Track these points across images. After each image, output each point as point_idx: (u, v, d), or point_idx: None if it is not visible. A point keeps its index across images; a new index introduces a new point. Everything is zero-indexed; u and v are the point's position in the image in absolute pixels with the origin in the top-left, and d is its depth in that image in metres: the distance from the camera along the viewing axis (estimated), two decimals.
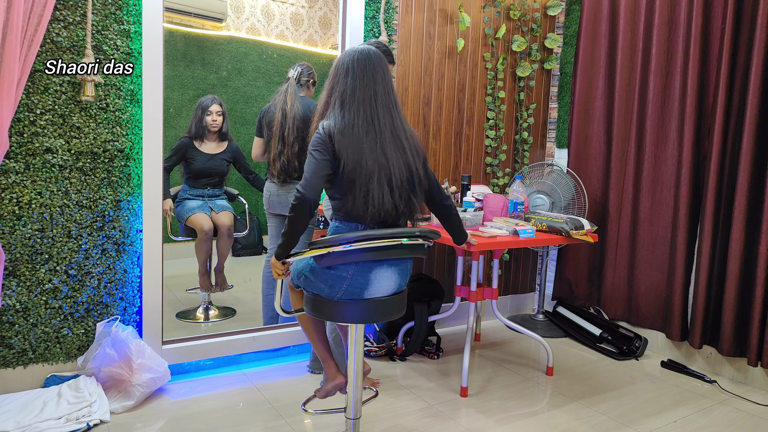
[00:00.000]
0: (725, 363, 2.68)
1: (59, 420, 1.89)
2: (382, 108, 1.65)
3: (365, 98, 1.64)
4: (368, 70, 1.66)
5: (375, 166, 1.59)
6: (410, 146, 1.68)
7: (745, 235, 2.54)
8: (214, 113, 2.66)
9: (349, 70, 1.66)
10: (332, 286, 1.60)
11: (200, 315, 2.76)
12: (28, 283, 2.11)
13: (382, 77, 1.67)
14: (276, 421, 2.06)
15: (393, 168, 1.61)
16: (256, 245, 2.93)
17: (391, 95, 1.69)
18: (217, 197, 2.78)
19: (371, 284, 1.61)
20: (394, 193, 1.62)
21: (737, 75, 2.61)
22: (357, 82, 1.65)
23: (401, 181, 1.63)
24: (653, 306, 2.97)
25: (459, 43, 3.07)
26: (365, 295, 1.63)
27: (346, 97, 1.64)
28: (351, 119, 1.61)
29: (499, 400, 2.33)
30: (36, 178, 2.09)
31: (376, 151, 1.60)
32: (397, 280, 1.67)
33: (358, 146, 1.59)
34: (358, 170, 1.58)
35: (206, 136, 2.67)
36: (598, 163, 3.24)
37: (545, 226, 2.56)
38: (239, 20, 2.75)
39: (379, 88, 1.66)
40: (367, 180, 1.58)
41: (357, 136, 1.60)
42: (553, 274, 3.54)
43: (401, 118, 1.70)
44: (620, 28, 3.11)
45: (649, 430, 2.12)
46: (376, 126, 1.63)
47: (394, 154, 1.63)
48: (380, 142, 1.62)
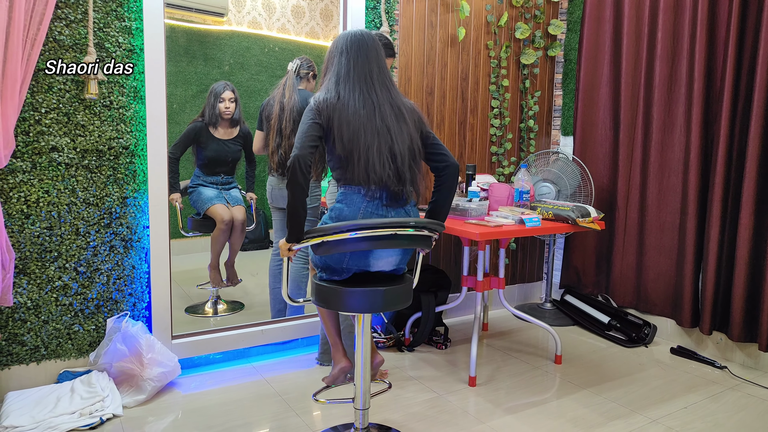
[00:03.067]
0: (736, 349, 2.67)
1: (73, 415, 1.92)
2: (378, 84, 1.68)
3: (360, 76, 1.67)
4: (362, 50, 1.69)
5: (374, 137, 1.63)
6: (410, 118, 1.70)
7: (754, 220, 2.52)
8: (227, 100, 2.67)
9: (344, 51, 1.69)
10: (339, 260, 1.67)
11: (209, 309, 2.78)
12: (39, 280, 2.13)
13: (375, 56, 1.70)
14: (286, 413, 2.08)
15: (395, 137, 1.65)
16: (262, 239, 2.94)
17: (385, 73, 1.72)
18: (231, 187, 2.79)
19: (374, 253, 1.67)
20: (396, 160, 1.65)
21: (745, 58, 2.57)
22: (351, 61, 1.67)
23: (403, 149, 1.66)
24: (662, 292, 2.96)
25: (460, 32, 3.05)
26: (372, 267, 1.69)
27: (341, 76, 1.67)
28: (346, 96, 1.64)
29: (507, 389, 2.33)
30: (43, 176, 2.10)
31: (375, 122, 1.64)
32: (399, 251, 1.71)
33: (355, 119, 1.62)
34: (355, 141, 1.61)
35: (219, 123, 2.69)
36: (605, 149, 3.22)
37: (551, 215, 2.55)
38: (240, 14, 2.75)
39: (374, 67, 1.69)
40: (366, 150, 1.62)
41: (354, 109, 1.63)
42: (560, 263, 3.53)
43: (398, 92, 1.74)
44: (625, 13, 3.07)
45: (659, 416, 2.12)
46: (375, 99, 1.66)
47: (395, 124, 1.66)
48: (379, 114, 1.65)
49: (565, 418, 2.09)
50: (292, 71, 2.51)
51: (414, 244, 1.66)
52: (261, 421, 2.02)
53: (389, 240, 1.57)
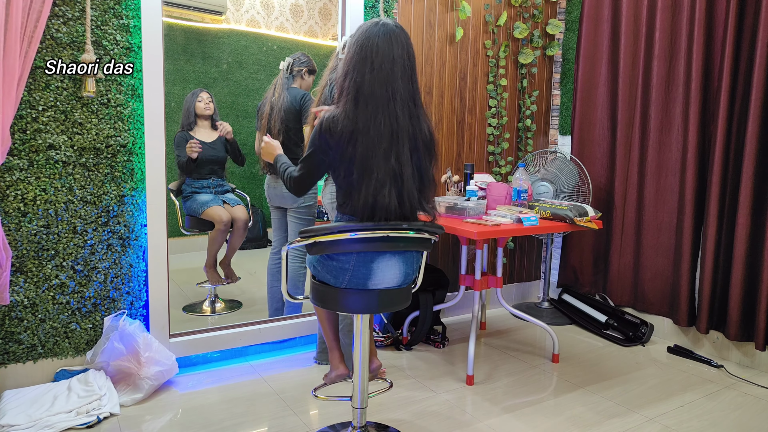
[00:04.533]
0: (732, 348, 2.68)
1: (70, 413, 1.91)
2: (401, 109, 1.52)
3: (383, 97, 1.50)
4: (387, 62, 1.50)
5: (387, 177, 1.50)
6: (425, 150, 1.58)
7: (751, 219, 2.53)
8: (205, 99, 2.68)
9: (368, 58, 1.51)
10: (336, 277, 1.58)
11: (207, 308, 2.78)
12: (35, 279, 2.12)
13: (402, 67, 1.52)
14: (283, 411, 2.08)
15: (406, 176, 1.53)
16: (260, 238, 2.93)
17: (412, 91, 1.55)
18: (226, 191, 2.79)
19: (374, 274, 1.57)
20: (403, 204, 1.54)
21: (742, 57, 2.58)
22: (375, 74, 1.50)
23: (411, 188, 1.55)
24: (659, 292, 2.96)
25: (458, 32, 3.05)
26: (370, 285, 1.59)
27: (363, 91, 1.50)
28: (366, 121, 1.49)
29: (505, 388, 2.33)
30: (40, 174, 2.10)
31: (390, 160, 1.50)
32: (402, 268, 1.61)
33: (371, 151, 1.49)
34: (367, 175, 1.50)
35: (199, 124, 2.68)
36: (602, 149, 3.22)
37: (549, 214, 2.55)
38: (239, 13, 2.74)
39: (399, 85, 1.51)
40: (378, 187, 1.50)
41: (371, 139, 1.49)
42: (558, 262, 3.54)
43: (420, 116, 1.58)
44: (623, 12, 3.07)
45: (656, 415, 2.12)
46: (395, 129, 1.51)
47: (408, 160, 1.53)
48: (396, 148, 1.51)
49: (563, 417, 2.09)
50: (284, 70, 2.53)
51: (412, 247, 1.60)
52: (259, 419, 2.02)
53: (383, 242, 1.52)
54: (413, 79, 1.57)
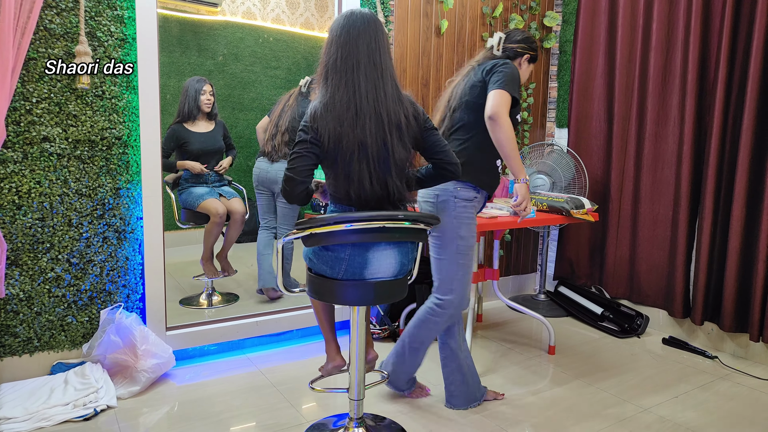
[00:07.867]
0: (726, 339, 2.70)
1: (66, 406, 1.91)
2: (364, 78, 1.53)
3: (346, 68, 1.53)
4: (351, 37, 1.54)
5: (354, 145, 1.51)
6: (389, 121, 1.54)
7: (746, 212, 2.54)
8: (208, 93, 2.67)
9: (333, 38, 1.56)
10: (332, 267, 1.58)
11: (203, 301, 2.78)
12: (31, 272, 2.12)
13: (366, 43, 1.54)
14: (280, 404, 2.08)
15: (372, 146, 1.53)
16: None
17: (377, 62, 1.55)
18: (222, 184, 2.79)
19: (370, 264, 1.57)
20: (373, 175, 1.54)
21: (738, 48, 2.57)
22: (339, 50, 1.54)
23: (377, 161, 1.54)
24: (655, 284, 2.98)
25: (443, 24, 3.02)
26: (367, 276, 1.58)
27: (329, 68, 1.55)
28: (332, 92, 1.53)
29: (501, 380, 2.34)
30: (34, 167, 2.08)
31: (355, 129, 1.51)
32: (398, 258, 1.61)
33: (339, 123, 1.51)
34: (338, 149, 1.52)
35: (198, 116, 2.67)
36: (599, 142, 3.22)
37: (546, 206, 2.56)
38: (234, 4, 2.72)
39: (362, 57, 1.53)
40: (347, 160, 1.52)
41: (337, 111, 1.52)
42: (554, 254, 3.55)
43: (387, 88, 1.56)
44: (620, 4, 3.06)
45: (651, 405, 2.14)
46: (357, 99, 1.52)
47: (374, 130, 1.53)
48: (360, 117, 1.51)
49: (559, 408, 2.10)
50: (302, 87, 2.75)
51: (407, 238, 1.60)
52: (256, 412, 2.02)
53: (378, 233, 1.51)
54: (381, 52, 1.56)
